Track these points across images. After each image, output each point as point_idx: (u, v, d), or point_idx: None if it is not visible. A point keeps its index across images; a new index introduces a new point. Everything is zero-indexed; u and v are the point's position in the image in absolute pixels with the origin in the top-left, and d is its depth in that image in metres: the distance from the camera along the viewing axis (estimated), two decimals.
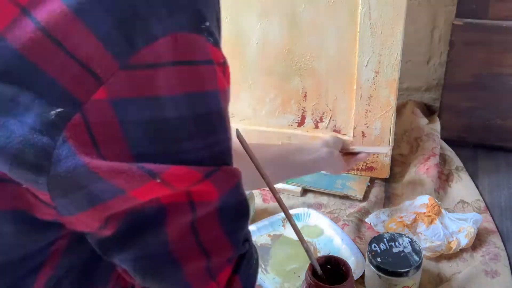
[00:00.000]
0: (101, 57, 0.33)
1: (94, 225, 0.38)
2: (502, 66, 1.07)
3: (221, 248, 0.43)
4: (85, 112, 0.34)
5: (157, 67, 0.35)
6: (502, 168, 1.10)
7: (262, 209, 0.99)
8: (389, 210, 0.93)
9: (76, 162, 0.34)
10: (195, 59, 0.36)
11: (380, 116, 0.98)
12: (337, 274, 0.65)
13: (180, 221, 0.40)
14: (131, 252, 0.40)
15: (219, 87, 0.39)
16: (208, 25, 0.37)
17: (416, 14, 1.22)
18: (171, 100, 0.36)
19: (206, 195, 0.39)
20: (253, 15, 0.96)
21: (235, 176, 0.42)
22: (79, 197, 0.36)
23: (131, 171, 0.35)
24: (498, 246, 0.84)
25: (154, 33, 0.34)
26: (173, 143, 0.37)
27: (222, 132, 0.41)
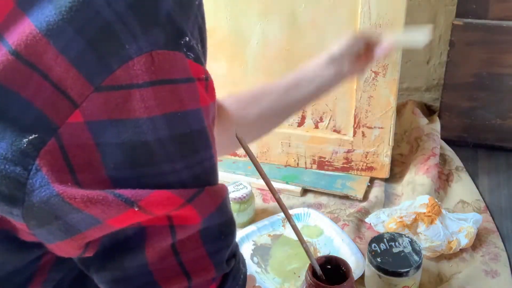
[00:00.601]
0: (74, 80, 0.32)
1: (75, 252, 0.38)
2: (502, 66, 1.07)
3: (203, 269, 0.41)
4: (61, 136, 0.33)
5: (133, 88, 0.33)
6: (502, 168, 1.10)
7: (262, 209, 0.99)
8: (389, 210, 0.93)
9: (51, 192, 0.33)
10: (174, 78, 0.35)
11: (380, 116, 0.98)
12: (337, 274, 0.65)
13: (160, 244, 0.38)
14: (109, 273, 0.39)
15: (201, 105, 0.37)
16: (187, 40, 0.36)
17: (416, 14, 1.22)
18: (149, 122, 0.34)
19: (188, 219, 0.38)
20: (253, 15, 0.96)
21: (219, 196, 0.40)
22: (55, 228, 0.35)
23: (106, 200, 0.34)
24: (498, 246, 0.84)
25: (128, 53, 0.33)
26: (153, 166, 0.35)
27: (205, 151, 0.39)
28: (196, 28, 0.38)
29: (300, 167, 1.10)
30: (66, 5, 0.32)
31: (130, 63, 0.33)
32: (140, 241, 0.38)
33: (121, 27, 0.33)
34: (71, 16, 0.32)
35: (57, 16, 0.32)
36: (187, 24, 0.36)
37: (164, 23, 0.34)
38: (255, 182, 1.04)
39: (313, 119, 1.05)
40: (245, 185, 0.94)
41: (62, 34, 0.32)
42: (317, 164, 1.08)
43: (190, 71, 0.36)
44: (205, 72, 0.39)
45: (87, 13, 0.32)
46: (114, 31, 0.33)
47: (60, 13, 0.32)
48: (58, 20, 0.32)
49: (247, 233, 0.90)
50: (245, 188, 0.93)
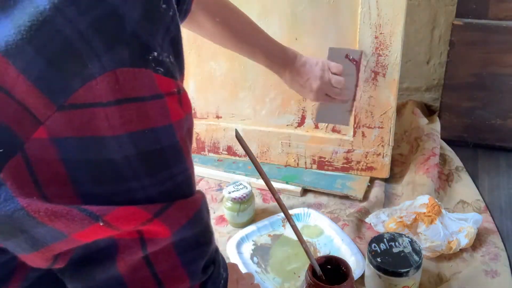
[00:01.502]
0: (36, 99, 0.32)
1: (43, 263, 0.38)
2: (502, 66, 1.07)
3: (177, 279, 0.41)
4: (26, 151, 0.33)
5: (97, 107, 0.33)
6: (502, 168, 1.10)
7: (262, 209, 0.99)
8: (389, 210, 0.93)
9: (15, 206, 0.33)
10: (140, 95, 0.34)
11: (380, 116, 0.98)
12: (337, 274, 0.66)
13: (131, 257, 0.38)
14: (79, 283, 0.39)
15: (172, 120, 0.37)
16: (155, 55, 0.35)
17: (416, 14, 1.23)
18: (115, 140, 0.34)
19: (157, 234, 0.38)
20: (253, 15, 0.96)
21: (192, 209, 0.40)
22: (21, 241, 0.35)
23: (71, 214, 0.34)
24: (498, 246, 0.84)
25: (91, 72, 0.32)
26: (119, 183, 0.35)
27: (177, 166, 0.39)
28: (168, 40, 0.37)
29: (300, 167, 1.10)
30: (25, 24, 0.31)
31: (93, 82, 0.32)
32: (111, 254, 0.38)
33: (83, 45, 0.32)
34: (30, 36, 0.31)
35: (16, 35, 0.31)
36: (155, 38, 0.36)
37: (129, 40, 0.34)
38: (255, 182, 1.04)
39: (313, 119, 1.05)
40: (245, 185, 0.94)
41: (22, 54, 0.31)
42: (317, 164, 1.08)
43: (159, 87, 0.36)
44: (177, 85, 0.38)
45: (48, 32, 0.31)
46: (76, 50, 0.32)
47: (19, 33, 0.31)
48: (17, 40, 0.31)
49: (247, 233, 0.90)
50: (245, 188, 0.93)
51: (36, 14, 0.31)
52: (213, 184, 1.09)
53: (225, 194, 0.93)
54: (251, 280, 0.68)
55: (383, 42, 0.90)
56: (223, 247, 0.88)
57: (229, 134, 1.12)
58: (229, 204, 0.92)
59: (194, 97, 1.11)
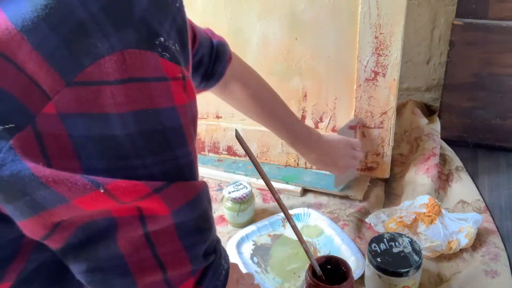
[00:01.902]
0: (46, 75, 0.34)
1: (40, 232, 0.38)
2: (502, 66, 1.07)
3: (178, 263, 0.43)
4: (37, 124, 0.34)
5: (103, 85, 0.35)
6: (502, 168, 1.10)
7: (262, 209, 0.99)
8: (389, 210, 0.93)
9: (22, 166, 0.34)
10: (145, 76, 0.36)
11: (380, 116, 0.98)
12: (337, 274, 0.66)
13: (131, 234, 0.40)
14: (83, 264, 0.40)
15: (176, 103, 0.39)
16: (162, 40, 0.37)
17: (416, 14, 1.23)
18: (119, 118, 0.36)
19: (156, 211, 0.39)
20: (253, 15, 0.96)
21: (192, 191, 0.41)
22: (22, 204, 0.36)
23: (74, 179, 0.35)
24: (498, 246, 0.84)
25: (100, 51, 0.34)
26: (122, 160, 0.37)
27: (180, 148, 0.40)
28: (174, 29, 0.39)
29: (300, 167, 1.10)
30: (41, 2, 0.33)
31: (101, 60, 0.34)
32: (112, 232, 0.39)
33: (94, 26, 0.34)
34: (46, 14, 0.33)
35: (33, 13, 0.33)
36: (162, 25, 0.37)
37: (137, 24, 0.35)
38: (255, 182, 1.04)
39: (313, 119, 1.05)
40: (245, 185, 0.94)
41: (37, 31, 0.33)
42: None
43: (164, 70, 0.37)
44: (182, 71, 0.39)
45: (62, 12, 0.33)
46: (87, 30, 0.34)
47: (36, 10, 0.33)
48: (33, 17, 0.33)
49: (247, 233, 0.90)
50: (245, 188, 0.93)
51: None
52: (213, 184, 1.09)
53: (225, 194, 0.93)
54: (251, 280, 0.68)
55: (383, 42, 0.90)
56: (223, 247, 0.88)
57: (229, 134, 1.12)
58: (229, 204, 0.92)
59: None
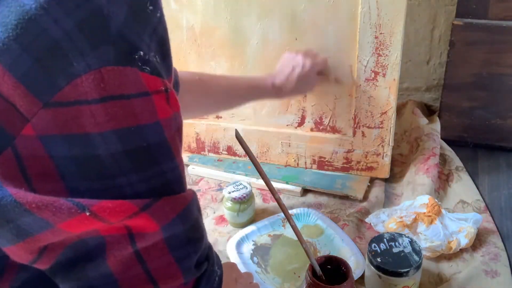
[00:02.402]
0: (22, 97, 0.33)
1: (27, 257, 0.38)
2: (502, 66, 1.07)
3: (170, 276, 0.42)
4: (16, 146, 0.33)
5: (82, 104, 0.34)
6: (502, 168, 1.10)
7: (262, 209, 0.99)
8: (389, 210, 0.93)
9: (3, 193, 0.33)
10: (125, 93, 0.35)
11: (380, 116, 0.98)
12: (337, 274, 0.66)
13: (121, 252, 0.39)
14: (74, 283, 0.39)
15: (160, 117, 0.38)
16: (141, 54, 0.36)
17: (416, 14, 1.23)
18: (100, 137, 0.35)
19: (145, 228, 0.38)
20: (253, 15, 0.96)
21: (180, 204, 0.40)
22: (7, 232, 0.35)
23: (58, 203, 0.34)
24: (498, 246, 0.84)
25: (76, 70, 0.33)
26: (107, 179, 0.36)
27: (166, 163, 0.39)
28: (155, 40, 0.38)
29: (300, 167, 1.10)
30: (12, 22, 0.32)
31: (78, 80, 0.33)
32: (101, 250, 0.38)
33: (68, 44, 0.33)
34: (17, 34, 0.32)
35: (3, 33, 0.32)
36: (142, 37, 0.36)
37: (114, 39, 0.34)
38: (255, 182, 1.04)
39: (313, 119, 1.05)
40: (245, 185, 0.94)
41: (9, 52, 0.32)
42: (317, 164, 1.08)
43: (145, 85, 0.36)
44: (164, 84, 0.38)
45: (34, 31, 0.32)
46: (61, 49, 0.33)
47: (6, 31, 0.32)
48: (4, 38, 0.32)
49: (247, 233, 0.90)
50: (245, 188, 0.93)
51: (22, 13, 0.32)
52: (213, 184, 1.09)
53: (225, 194, 0.93)
54: (250, 279, 0.68)
55: (383, 42, 0.90)
56: (223, 247, 0.88)
57: (229, 134, 1.12)
58: (229, 204, 0.92)
59: None
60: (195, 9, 0.99)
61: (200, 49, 1.03)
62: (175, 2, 1.00)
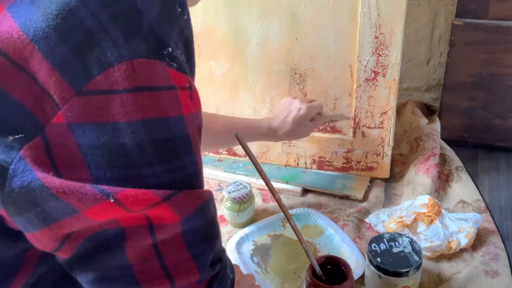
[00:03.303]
0: (56, 84, 0.34)
1: (51, 245, 0.38)
2: (502, 66, 1.07)
3: (186, 272, 0.42)
4: (46, 135, 0.35)
5: (113, 94, 0.35)
6: (502, 168, 1.10)
7: (262, 209, 0.99)
8: (389, 210, 0.93)
9: (32, 177, 0.35)
10: (154, 85, 0.36)
11: (380, 116, 0.98)
12: (337, 274, 0.66)
13: (140, 244, 0.39)
14: (91, 274, 0.40)
15: (184, 112, 0.39)
16: (170, 50, 0.37)
17: (416, 14, 1.22)
18: (128, 126, 0.36)
19: (165, 219, 0.39)
20: (253, 15, 0.96)
21: (199, 198, 0.41)
22: (33, 216, 0.36)
23: (83, 189, 0.35)
24: (498, 246, 0.84)
25: (109, 60, 0.34)
26: (131, 168, 0.37)
27: (187, 157, 0.40)
28: (181, 40, 0.40)
29: (300, 167, 1.10)
30: (52, 12, 0.34)
31: (110, 70, 0.35)
32: (120, 241, 0.39)
33: (103, 35, 0.34)
34: (56, 23, 0.34)
35: (44, 22, 0.34)
36: (170, 35, 0.38)
37: (146, 34, 0.36)
38: (255, 182, 1.04)
39: None
40: (245, 185, 0.94)
41: (47, 40, 0.34)
42: (317, 164, 1.08)
43: (172, 80, 0.38)
44: (189, 81, 0.40)
45: (72, 21, 0.34)
46: (96, 39, 0.34)
47: (47, 20, 0.34)
48: (44, 27, 0.34)
49: (247, 233, 0.90)
50: (245, 188, 0.93)
51: (63, 5, 0.34)
52: (213, 184, 1.09)
53: (225, 194, 0.93)
54: (252, 281, 0.68)
55: (383, 42, 0.90)
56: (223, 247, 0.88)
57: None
58: (229, 204, 0.92)
59: None
60: (195, 9, 0.99)
61: (200, 49, 1.03)
62: None
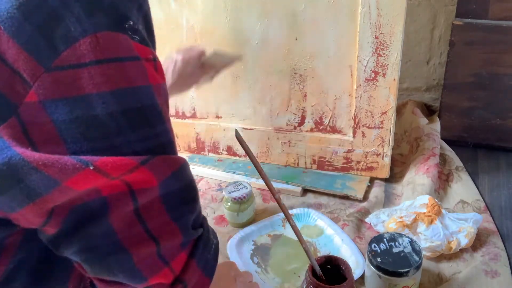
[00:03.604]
0: (25, 62, 0.35)
1: (37, 221, 0.40)
2: (502, 66, 1.07)
3: (169, 233, 0.44)
4: (20, 114, 0.36)
5: (80, 67, 0.36)
6: (502, 168, 1.10)
7: (262, 209, 0.99)
8: (389, 210, 0.93)
9: (11, 153, 0.36)
10: (119, 56, 0.38)
11: (380, 116, 0.98)
12: (337, 274, 0.66)
13: (123, 210, 0.41)
14: (77, 244, 0.41)
15: (151, 82, 0.41)
16: (131, 24, 0.39)
17: (416, 14, 1.23)
18: (99, 98, 0.37)
19: (145, 183, 0.41)
20: (253, 15, 0.96)
21: (175, 163, 0.43)
22: (18, 193, 0.37)
23: (63, 160, 0.37)
24: (498, 246, 0.84)
25: (74, 35, 0.36)
26: (106, 139, 0.39)
27: (159, 126, 0.42)
28: (141, 16, 0.42)
29: (300, 167, 1.10)
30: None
31: (76, 44, 0.36)
32: (104, 210, 0.40)
33: (66, 12, 0.36)
34: (19, 3, 0.35)
35: (7, 3, 0.35)
36: (131, 10, 0.40)
37: (107, 9, 0.38)
38: (255, 182, 1.04)
39: (313, 119, 1.05)
40: (245, 185, 0.94)
41: (12, 20, 0.35)
42: (317, 164, 1.08)
43: (136, 51, 0.39)
44: (153, 53, 0.42)
45: (35, 1, 0.35)
46: (60, 16, 0.36)
47: (10, 1, 0.35)
48: (8, 7, 0.35)
49: (247, 233, 0.90)
50: (245, 188, 0.93)
51: None
52: (213, 184, 1.09)
53: (225, 194, 0.93)
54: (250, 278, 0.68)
55: (383, 42, 0.90)
56: (223, 247, 0.88)
57: (229, 134, 1.12)
58: (229, 204, 0.92)
59: (194, 97, 1.11)
60: (195, 9, 0.99)
61: None
62: (175, 2, 1.00)
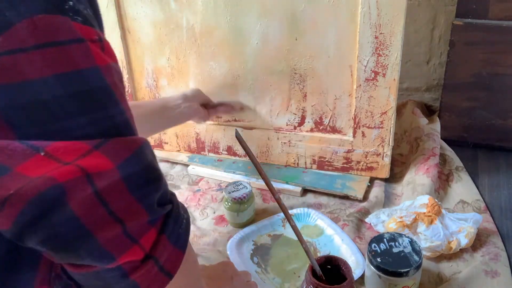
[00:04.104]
0: None
1: None
2: (502, 66, 1.07)
3: (134, 213, 0.43)
4: None
5: (18, 53, 0.36)
6: (502, 168, 1.10)
7: (262, 209, 0.99)
8: (389, 210, 0.93)
9: None
10: (59, 40, 0.37)
11: (380, 116, 0.98)
12: (337, 274, 0.66)
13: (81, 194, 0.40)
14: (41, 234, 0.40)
15: (98, 63, 0.40)
16: (71, 4, 0.38)
17: (416, 14, 1.23)
18: (42, 83, 0.37)
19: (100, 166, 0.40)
20: (253, 15, 0.96)
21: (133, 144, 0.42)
22: None
23: (12, 146, 0.36)
24: (498, 246, 0.84)
25: (8, 20, 0.35)
26: (55, 123, 0.38)
27: (113, 107, 0.41)
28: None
29: (300, 167, 1.10)
30: None
31: (12, 29, 0.35)
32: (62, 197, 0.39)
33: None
34: None
35: None
36: None
37: None
38: (255, 182, 1.04)
39: (313, 119, 1.05)
40: (245, 185, 0.94)
41: None
42: (317, 164, 1.08)
43: (79, 33, 0.39)
44: (98, 34, 0.41)
45: None
46: None
47: None
48: None
49: (247, 233, 0.90)
50: (245, 188, 0.93)
51: None
52: (213, 184, 1.09)
53: (225, 194, 0.93)
54: (247, 277, 0.68)
55: (383, 42, 0.90)
56: (223, 247, 0.88)
57: (229, 134, 1.12)
58: (229, 204, 0.92)
59: None
60: (195, 9, 0.99)
61: (200, 49, 1.03)
62: (175, 2, 1.00)
